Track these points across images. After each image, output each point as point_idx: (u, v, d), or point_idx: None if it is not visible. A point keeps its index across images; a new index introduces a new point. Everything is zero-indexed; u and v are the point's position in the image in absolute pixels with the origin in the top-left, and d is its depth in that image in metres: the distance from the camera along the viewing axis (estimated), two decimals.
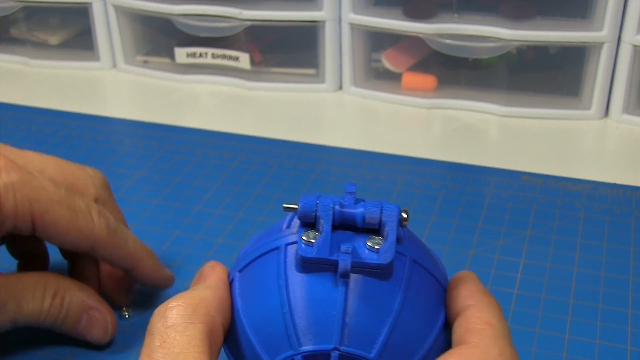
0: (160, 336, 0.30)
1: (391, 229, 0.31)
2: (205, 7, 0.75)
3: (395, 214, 0.32)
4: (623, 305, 0.47)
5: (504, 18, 0.69)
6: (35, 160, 0.43)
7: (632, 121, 0.69)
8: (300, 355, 0.30)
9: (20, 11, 0.81)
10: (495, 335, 0.31)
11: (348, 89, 0.76)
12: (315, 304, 0.31)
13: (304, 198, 0.32)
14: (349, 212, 0.32)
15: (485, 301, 0.33)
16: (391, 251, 0.31)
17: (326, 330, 0.30)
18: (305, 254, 0.31)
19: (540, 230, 0.54)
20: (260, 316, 0.31)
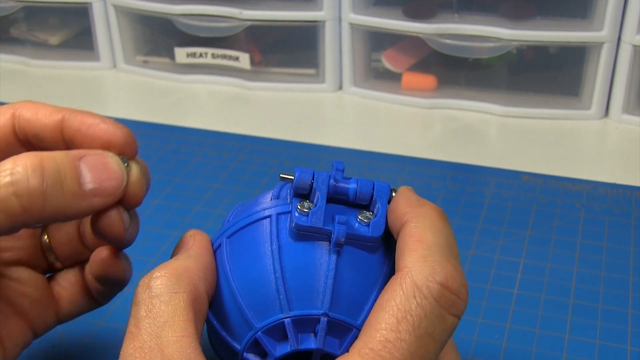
0: (146, 306, 0.30)
1: (382, 205, 0.33)
2: (205, 7, 0.75)
3: (386, 191, 0.33)
4: (623, 305, 0.47)
5: (504, 18, 0.69)
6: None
7: (632, 121, 0.69)
8: (290, 319, 0.31)
9: (20, 11, 0.81)
10: (426, 253, 0.30)
11: (348, 89, 0.76)
12: (308, 271, 0.31)
13: (300, 170, 0.33)
14: (343, 186, 0.33)
15: (418, 214, 0.32)
16: (382, 225, 0.32)
17: (316, 296, 0.31)
18: (300, 222, 0.32)
19: (540, 230, 0.54)
20: (251, 280, 0.32)
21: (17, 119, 0.36)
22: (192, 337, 0.30)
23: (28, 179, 0.31)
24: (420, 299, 0.29)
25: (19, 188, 0.30)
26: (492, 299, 0.48)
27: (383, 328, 0.28)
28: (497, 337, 0.45)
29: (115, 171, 0.34)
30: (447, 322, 0.29)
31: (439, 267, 0.29)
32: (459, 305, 0.30)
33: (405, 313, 0.28)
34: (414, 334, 0.28)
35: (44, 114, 0.36)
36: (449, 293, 0.29)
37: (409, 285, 0.29)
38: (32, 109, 0.36)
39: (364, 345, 0.28)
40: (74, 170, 0.32)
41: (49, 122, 0.36)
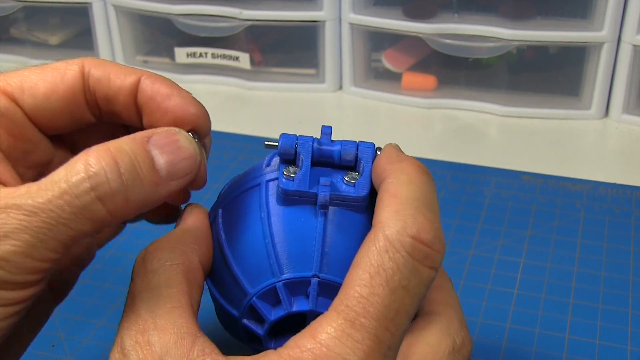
0: (141, 280, 0.31)
1: (366, 164, 0.33)
2: (205, 7, 0.75)
3: (370, 151, 0.33)
4: (623, 305, 0.47)
5: (504, 18, 0.69)
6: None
7: (632, 121, 0.69)
8: (282, 282, 0.31)
9: (20, 11, 0.81)
10: (399, 207, 0.29)
11: (348, 89, 0.76)
12: (296, 234, 0.32)
13: (284, 136, 0.34)
14: (327, 149, 0.34)
15: (395, 169, 0.31)
16: (366, 185, 0.32)
17: (306, 259, 0.31)
18: (286, 187, 0.32)
19: (540, 230, 0.54)
20: (244, 248, 0.33)
21: (87, 77, 0.34)
22: (185, 307, 0.30)
23: (108, 182, 0.29)
24: (393, 253, 0.28)
25: (101, 193, 0.29)
26: (492, 299, 0.48)
27: (357, 284, 0.28)
28: (497, 337, 0.45)
29: (187, 149, 0.32)
30: (422, 275, 0.29)
31: (410, 220, 0.29)
32: (434, 256, 0.29)
33: (378, 268, 0.28)
34: (387, 288, 0.28)
35: (117, 74, 0.34)
36: (421, 245, 0.29)
37: (381, 240, 0.29)
38: (101, 67, 0.34)
39: (340, 302, 0.28)
40: (147, 157, 0.30)
41: (123, 84, 0.34)
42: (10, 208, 0.28)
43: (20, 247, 0.28)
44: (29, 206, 0.28)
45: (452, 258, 0.51)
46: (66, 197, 0.28)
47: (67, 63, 0.34)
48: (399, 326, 0.28)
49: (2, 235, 0.27)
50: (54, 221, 0.28)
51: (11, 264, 0.28)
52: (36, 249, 0.28)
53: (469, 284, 0.49)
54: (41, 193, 0.28)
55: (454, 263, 0.51)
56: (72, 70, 0.34)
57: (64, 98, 0.34)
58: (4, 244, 0.27)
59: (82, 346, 0.44)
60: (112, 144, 0.30)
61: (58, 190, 0.28)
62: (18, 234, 0.28)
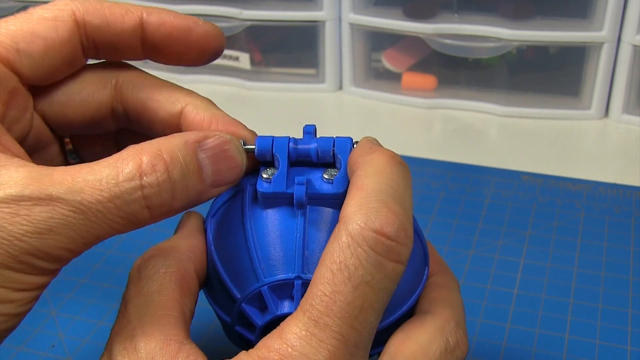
0: (134, 287, 0.31)
1: (344, 160, 0.32)
2: (205, 7, 0.75)
3: (347, 146, 0.33)
4: (623, 305, 0.47)
5: (504, 18, 0.69)
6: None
7: (632, 121, 0.69)
8: (267, 286, 0.31)
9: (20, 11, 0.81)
10: (362, 200, 0.28)
11: (348, 89, 0.76)
12: (277, 236, 0.32)
13: (260, 139, 0.33)
14: (303, 147, 0.33)
15: (365, 161, 0.31)
16: (344, 180, 0.32)
17: (288, 260, 0.31)
18: (263, 190, 0.32)
19: (540, 230, 0.54)
20: (230, 254, 0.33)
21: (82, 25, 0.32)
22: (175, 315, 0.30)
23: (160, 193, 0.28)
24: (355, 249, 0.27)
25: (151, 202, 0.28)
26: (492, 299, 0.48)
27: (320, 282, 0.28)
28: (497, 337, 0.45)
29: (235, 159, 0.31)
30: (386, 269, 0.28)
31: (373, 213, 0.28)
32: (399, 250, 0.28)
33: (340, 264, 0.28)
34: (350, 285, 0.27)
35: (114, 17, 0.32)
36: (384, 239, 0.28)
37: (343, 236, 0.28)
38: (96, 12, 0.32)
39: (306, 301, 0.28)
40: (197, 165, 0.30)
41: (124, 27, 0.32)
42: (55, 201, 0.27)
43: (62, 242, 0.27)
44: (77, 203, 0.27)
45: (452, 258, 0.51)
46: (117, 202, 0.28)
47: (55, 10, 0.32)
48: (365, 323, 0.28)
49: (46, 229, 0.27)
50: (99, 221, 0.28)
51: (51, 257, 0.28)
52: (75, 244, 0.28)
53: (469, 284, 0.49)
54: (89, 190, 0.27)
55: (454, 263, 0.51)
56: (64, 20, 0.32)
57: (61, 53, 0.32)
58: (48, 238, 0.27)
59: (82, 346, 0.44)
60: (164, 146, 0.29)
61: (109, 193, 0.28)
62: (62, 230, 0.27)
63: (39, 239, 0.27)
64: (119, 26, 0.32)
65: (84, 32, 0.32)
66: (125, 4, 0.33)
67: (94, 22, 0.32)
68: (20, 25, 0.31)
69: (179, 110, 0.33)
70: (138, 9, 0.33)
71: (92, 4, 0.32)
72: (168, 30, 0.33)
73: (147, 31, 0.33)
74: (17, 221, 0.27)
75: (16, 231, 0.27)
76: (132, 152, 0.28)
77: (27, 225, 0.27)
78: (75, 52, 0.32)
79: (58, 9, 0.32)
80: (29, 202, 0.27)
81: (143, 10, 0.33)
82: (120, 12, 0.32)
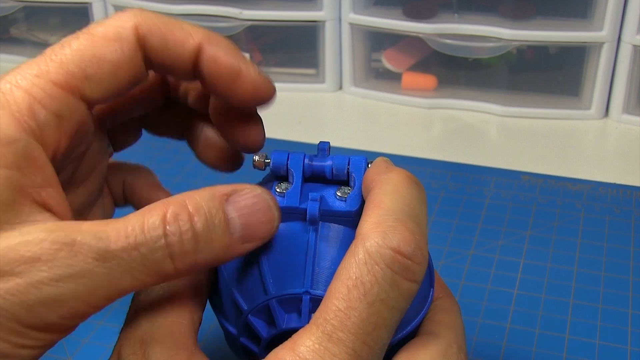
0: (145, 292, 0.31)
1: (357, 179, 0.33)
2: (205, 7, 0.75)
3: (361, 165, 0.33)
4: (623, 305, 0.47)
5: (504, 18, 0.69)
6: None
7: (632, 121, 0.69)
8: (275, 299, 0.31)
9: (20, 11, 0.81)
10: (381, 218, 0.29)
11: (348, 89, 0.76)
12: (287, 251, 0.32)
13: (275, 153, 0.33)
14: (318, 164, 0.33)
15: (382, 180, 0.31)
16: (358, 199, 0.32)
17: (297, 275, 0.31)
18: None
19: (540, 230, 0.54)
20: (238, 265, 0.32)
21: (143, 44, 0.31)
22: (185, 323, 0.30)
23: (182, 242, 0.28)
24: (372, 266, 0.28)
25: (173, 251, 0.28)
26: (492, 299, 0.48)
27: (335, 297, 0.28)
28: (497, 337, 0.45)
29: (266, 212, 0.30)
30: (401, 288, 0.28)
31: (391, 231, 0.28)
32: (414, 269, 0.28)
33: (356, 281, 0.28)
34: (365, 301, 0.27)
35: (175, 40, 0.31)
36: (401, 258, 0.28)
37: (360, 252, 0.28)
38: (156, 32, 0.31)
39: (320, 315, 0.28)
40: (223, 218, 0.29)
41: (182, 53, 0.31)
42: (79, 245, 0.27)
43: (80, 291, 0.27)
44: (102, 250, 0.27)
45: (452, 258, 0.51)
46: (142, 249, 0.27)
47: (118, 28, 0.30)
48: (378, 340, 0.28)
49: (66, 275, 0.26)
50: (123, 270, 0.27)
51: (65, 308, 0.27)
52: (94, 296, 0.27)
53: (469, 284, 0.49)
54: (114, 239, 0.27)
55: (454, 263, 0.51)
56: (128, 38, 0.30)
57: (128, 73, 0.31)
58: (65, 286, 0.26)
59: (82, 346, 0.44)
60: (191, 198, 0.29)
61: (134, 240, 0.27)
62: (83, 279, 0.26)
63: (56, 286, 0.26)
64: (178, 50, 0.31)
65: (144, 50, 0.31)
66: (188, 26, 0.32)
67: (153, 42, 0.31)
68: (85, 48, 0.30)
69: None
70: (199, 35, 0.32)
71: (155, 21, 0.31)
72: (218, 68, 0.32)
73: (201, 61, 0.32)
74: (38, 267, 0.26)
75: (35, 278, 0.26)
76: (160, 203, 0.28)
77: (46, 271, 0.26)
78: (140, 69, 0.31)
79: (121, 26, 0.31)
80: (54, 247, 0.26)
81: (204, 38, 0.32)
82: (182, 36, 0.31)
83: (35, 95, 0.28)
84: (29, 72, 0.29)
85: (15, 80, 0.29)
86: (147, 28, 0.31)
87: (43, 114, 0.28)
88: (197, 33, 0.32)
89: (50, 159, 0.29)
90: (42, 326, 0.27)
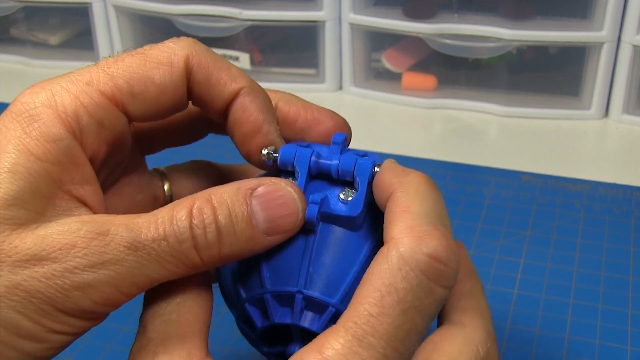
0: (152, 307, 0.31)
1: (362, 183, 0.32)
2: (205, 7, 0.75)
3: (367, 169, 0.32)
4: (623, 305, 0.47)
5: (504, 18, 0.69)
6: None
7: (632, 121, 0.69)
8: (269, 294, 0.31)
9: (20, 11, 0.81)
10: (413, 222, 0.28)
11: (348, 89, 0.76)
12: (286, 249, 0.32)
13: (284, 148, 0.33)
14: (325, 163, 0.33)
15: (403, 183, 0.31)
16: (360, 203, 0.32)
17: (293, 274, 0.31)
18: None
19: (540, 230, 0.54)
20: (241, 261, 0.33)
21: (189, 75, 0.32)
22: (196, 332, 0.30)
23: (206, 234, 0.29)
24: (406, 272, 0.27)
25: (198, 243, 0.29)
26: (492, 299, 0.48)
27: (367, 302, 0.28)
28: (497, 337, 0.45)
29: (290, 205, 0.31)
30: (435, 294, 0.28)
31: (427, 237, 0.28)
32: (449, 274, 0.28)
33: (390, 287, 0.27)
34: (398, 308, 0.27)
35: (217, 80, 0.32)
36: (437, 264, 0.28)
37: (394, 257, 0.28)
38: (203, 68, 0.32)
39: (349, 318, 0.28)
40: (246, 210, 0.30)
41: (220, 96, 0.32)
42: (112, 235, 0.28)
43: (112, 278, 0.28)
44: (133, 240, 0.28)
45: None
46: (170, 240, 0.29)
47: (171, 55, 0.32)
48: (408, 346, 0.28)
49: (100, 262, 0.28)
50: (152, 259, 0.28)
51: (98, 293, 0.28)
52: (125, 282, 0.28)
53: None
54: (144, 230, 0.28)
55: None
56: (179, 66, 0.32)
57: (171, 99, 0.32)
58: (99, 272, 0.28)
59: (82, 346, 0.44)
60: (216, 193, 0.30)
61: (163, 231, 0.29)
62: (115, 266, 0.28)
63: (90, 272, 0.28)
64: (218, 90, 0.32)
65: (188, 82, 0.32)
66: (235, 70, 0.33)
67: (199, 76, 0.32)
68: (137, 66, 0.31)
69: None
70: (242, 82, 0.33)
71: (206, 56, 0.33)
72: (243, 118, 0.33)
73: (233, 105, 0.33)
74: (73, 253, 0.28)
75: (70, 263, 0.28)
76: (189, 198, 0.30)
77: (81, 258, 0.28)
78: (182, 97, 0.32)
79: (174, 53, 0.32)
80: (89, 236, 0.28)
81: (246, 86, 0.32)
82: (226, 78, 0.32)
83: (82, 101, 0.30)
84: (80, 78, 0.30)
85: (67, 84, 0.30)
86: (197, 61, 0.32)
87: (86, 119, 0.30)
88: (241, 80, 0.33)
89: (90, 160, 0.30)
90: (76, 311, 0.28)
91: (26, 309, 0.27)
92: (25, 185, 0.28)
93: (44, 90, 0.30)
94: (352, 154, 0.33)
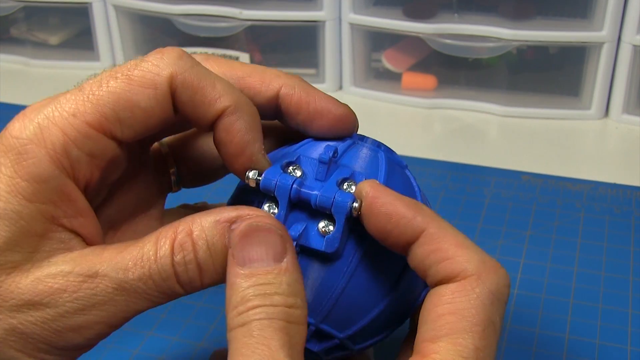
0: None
1: (339, 220, 0.32)
2: (205, 7, 0.75)
3: (345, 207, 0.32)
4: (623, 305, 0.47)
5: (504, 18, 0.69)
6: None
7: (632, 121, 0.69)
8: None
9: (20, 11, 0.81)
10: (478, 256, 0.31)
11: (348, 89, 0.76)
12: None
13: (267, 173, 0.33)
14: (305, 192, 0.33)
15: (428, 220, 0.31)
16: (336, 240, 0.32)
17: None
18: None
19: (540, 230, 0.54)
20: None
21: (173, 95, 0.32)
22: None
23: (188, 271, 0.30)
24: (497, 306, 0.30)
25: (181, 279, 0.30)
26: None
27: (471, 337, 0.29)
28: None
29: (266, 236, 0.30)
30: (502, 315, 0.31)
31: (498, 269, 0.31)
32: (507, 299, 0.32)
33: (488, 320, 0.30)
34: (494, 337, 0.30)
35: (202, 101, 0.32)
36: (507, 290, 0.31)
37: (485, 293, 0.30)
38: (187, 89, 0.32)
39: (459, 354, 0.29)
40: (223, 246, 0.30)
41: (205, 116, 0.32)
42: (101, 277, 0.30)
43: (103, 317, 0.30)
44: (120, 281, 0.30)
45: None
46: (156, 278, 0.30)
47: (154, 76, 0.31)
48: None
49: (90, 305, 0.30)
50: (140, 297, 0.30)
51: (90, 331, 0.30)
52: (115, 318, 0.30)
53: None
54: (132, 269, 0.30)
55: None
56: (162, 88, 0.31)
57: (158, 119, 0.32)
58: (90, 313, 0.30)
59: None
60: (197, 224, 0.31)
61: (149, 270, 0.30)
62: (104, 306, 0.30)
63: (81, 315, 0.30)
64: (203, 110, 0.32)
65: (173, 97, 0.32)
66: (222, 86, 0.32)
67: (181, 98, 0.32)
68: (122, 91, 0.31)
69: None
70: (227, 100, 0.32)
71: (191, 74, 0.32)
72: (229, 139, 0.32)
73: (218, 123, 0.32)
74: (65, 298, 0.30)
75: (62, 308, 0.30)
76: (171, 229, 0.31)
77: (72, 302, 0.30)
78: (169, 115, 0.32)
79: (158, 73, 0.31)
80: (78, 280, 0.30)
81: (231, 104, 0.32)
82: (211, 97, 0.32)
83: (70, 135, 0.30)
84: (66, 109, 0.31)
85: (53, 116, 0.30)
86: (181, 80, 0.32)
87: (75, 153, 0.30)
88: (226, 98, 0.32)
89: (83, 188, 0.31)
90: (69, 346, 0.30)
91: (25, 348, 0.30)
92: (17, 230, 0.29)
93: (32, 124, 0.30)
94: (336, 177, 0.33)
